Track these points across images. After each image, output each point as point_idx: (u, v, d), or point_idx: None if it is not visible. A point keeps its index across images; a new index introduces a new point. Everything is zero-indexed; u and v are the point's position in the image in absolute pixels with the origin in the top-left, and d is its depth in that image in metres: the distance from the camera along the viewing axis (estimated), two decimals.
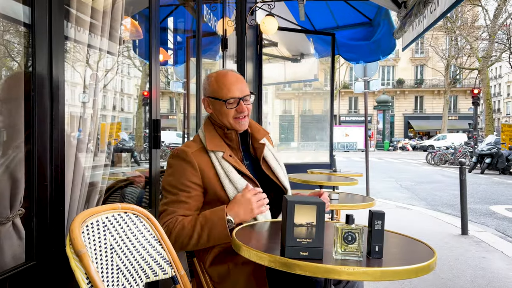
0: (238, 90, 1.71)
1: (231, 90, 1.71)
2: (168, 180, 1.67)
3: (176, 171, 1.65)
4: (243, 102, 1.71)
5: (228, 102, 1.70)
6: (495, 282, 3.57)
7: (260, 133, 1.84)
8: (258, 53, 5.28)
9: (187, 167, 1.64)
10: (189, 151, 1.67)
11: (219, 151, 1.69)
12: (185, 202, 1.61)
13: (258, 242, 1.39)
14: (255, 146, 1.82)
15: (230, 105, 1.70)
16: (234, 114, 1.71)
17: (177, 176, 1.64)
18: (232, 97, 1.70)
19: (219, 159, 1.67)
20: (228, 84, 1.72)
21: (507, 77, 48.35)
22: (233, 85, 1.72)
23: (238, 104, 1.71)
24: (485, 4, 27.37)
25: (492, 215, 7.03)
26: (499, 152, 14.69)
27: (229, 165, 1.67)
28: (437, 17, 3.10)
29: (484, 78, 24.43)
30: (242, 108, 1.71)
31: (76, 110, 1.93)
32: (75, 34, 1.82)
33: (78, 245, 1.17)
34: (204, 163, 1.66)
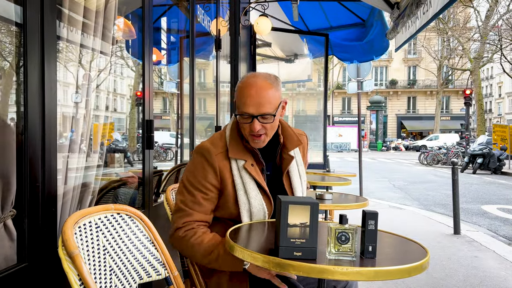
0: (254, 106, 1.53)
1: (246, 104, 1.54)
2: (188, 177, 1.61)
3: (198, 169, 1.59)
4: (258, 120, 1.54)
5: (241, 117, 1.56)
6: (487, 281, 3.60)
7: (292, 143, 1.69)
8: (252, 54, 5.28)
9: (208, 169, 1.58)
10: (214, 152, 1.59)
11: (241, 159, 1.60)
12: (201, 204, 1.57)
13: (252, 243, 1.39)
14: (284, 156, 1.69)
15: (242, 120, 1.57)
16: (249, 131, 1.57)
17: (197, 175, 1.59)
18: (245, 112, 1.55)
19: (240, 167, 1.59)
20: (245, 97, 1.54)
21: (498, 78, 48.81)
22: (250, 98, 1.53)
23: (251, 121, 1.55)
24: (477, 6, 27.60)
25: (484, 214, 7.09)
26: (491, 152, 14.83)
27: (249, 176, 1.59)
28: (430, 18, 3.12)
29: (476, 79, 24.64)
30: (254, 127, 1.54)
31: (68, 110, 1.91)
32: (68, 33, 1.81)
33: (71, 246, 1.17)
34: (226, 169, 1.59)
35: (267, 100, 1.54)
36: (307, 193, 1.82)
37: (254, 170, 1.60)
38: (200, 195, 1.57)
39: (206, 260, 1.51)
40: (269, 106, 1.54)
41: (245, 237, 1.42)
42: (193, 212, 1.57)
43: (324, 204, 2.48)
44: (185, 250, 1.57)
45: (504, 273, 3.83)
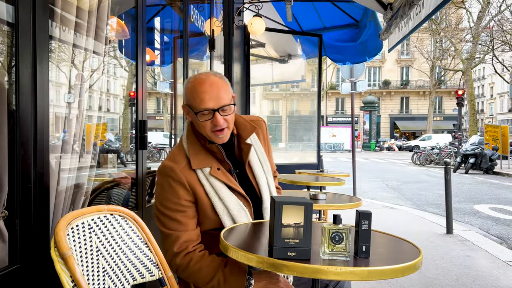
0: (213, 100, 1.51)
1: (204, 100, 1.51)
2: (161, 201, 1.56)
3: (167, 191, 1.55)
4: (219, 113, 1.52)
5: (201, 114, 1.52)
6: (479, 280, 3.63)
7: (246, 131, 1.67)
8: (246, 54, 5.28)
9: (178, 187, 1.53)
10: (177, 169, 1.54)
11: (206, 168, 1.57)
12: (184, 223, 1.53)
13: (246, 243, 1.39)
14: (241, 147, 1.66)
15: (203, 117, 1.53)
16: (211, 127, 1.54)
17: (169, 196, 1.54)
18: (205, 108, 1.51)
19: (207, 175, 1.56)
20: (202, 93, 1.51)
21: (490, 79, 49.26)
22: (206, 93, 1.51)
23: (213, 116, 1.52)
24: (469, 7, 27.85)
25: (476, 214, 7.14)
26: (483, 152, 14.96)
27: (218, 181, 1.56)
28: (422, 19, 3.14)
29: (468, 79, 24.84)
30: (217, 121, 1.52)
31: (61, 110, 1.90)
32: (60, 33, 1.79)
33: (63, 247, 1.16)
34: (194, 181, 1.55)
35: (224, 92, 1.54)
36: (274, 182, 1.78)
37: (222, 174, 1.57)
38: (179, 215, 1.53)
39: (209, 286, 1.47)
40: (227, 98, 1.54)
41: (239, 237, 1.42)
42: (180, 233, 1.52)
43: (318, 204, 2.49)
44: (186, 278, 1.54)
45: (496, 272, 3.87)
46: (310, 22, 6.30)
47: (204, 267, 1.48)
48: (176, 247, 1.51)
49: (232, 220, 1.56)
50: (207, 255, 1.52)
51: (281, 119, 20.42)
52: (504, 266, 4.03)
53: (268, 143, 1.81)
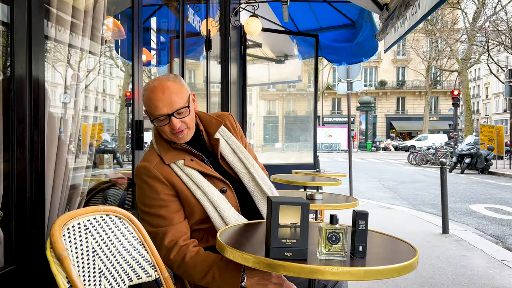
0: (166, 106, 1.54)
1: (157, 107, 1.54)
2: (142, 201, 1.58)
3: (145, 190, 1.57)
4: (174, 117, 1.55)
5: (158, 120, 1.56)
6: (475, 280, 3.64)
7: (212, 127, 1.72)
8: (242, 54, 5.28)
9: (154, 183, 1.56)
10: (151, 166, 1.57)
11: (179, 160, 1.61)
12: (167, 218, 1.54)
13: (242, 243, 1.39)
14: (212, 143, 1.71)
15: (160, 123, 1.57)
16: (170, 131, 1.58)
17: (149, 194, 1.56)
18: (160, 114, 1.55)
19: (181, 167, 1.60)
20: (155, 101, 1.54)
21: (485, 79, 49.49)
22: (159, 100, 1.54)
23: (169, 121, 1.55)
24: (464, 8, 27.96)
25: (472, 214, 7.18)
26: (478, 152, 15.03)
27: (193, 170, 1.60)
28: (418, 19, 3.15)
29: (464, 79, 24.97)
30: (174, 125, 1.55)
31: (57, 110, 1.89)
32: (56, 33, 1.79)
33: (59, 248, 1.15)
34: (170, 174, 1.58)
35: (177, 96, 1.56)
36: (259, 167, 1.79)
37: (195, 163, 1.62)
38: (162, 210, 1.54)
39: (204, 282, 1.48)
40: (181, 101, 1.57)
41: (236, 237, 1.42)
42: (166, 228, 1.53)
43: (314, 204, 2.49)
44: (181, 273, 1.54)
45: (492, 271, 3.89)
46: (307, 23, 6.30)
47: (199, 262, 1.49)
48: (166, 242, 1.52)
49: (213, 206, 1.57)
50: (202, 251, 1.53)
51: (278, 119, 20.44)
52: (500, 266, 4.05)
53: (242, 135, 1.84)
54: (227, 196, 1.63)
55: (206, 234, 1.62)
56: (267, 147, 13.36)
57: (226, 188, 1.64)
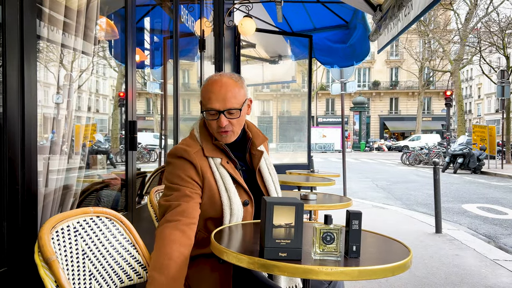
0: (219, 102, 1.56)
1: (211, 99, 1.56)
2: (168, 178, 1.57)
3: (178, 169, 1.56)
4: (224, 115, 1.56)
5: (208, 113, 1.58)
6: (468, 279, 3.67)
7: (259, 139, 1.74)
8: (236, 54, 5.27)
9: (189, 166, 1.55)
10: (191, 151, 1.58)
11: (217, 158, 1.61)
12: (189, 196, 1.52)
13: (237, 244, 1.39)
14: (253, 152, 1.72)
15: (209, 116, 1.59)
16: (216, 127, 1.59)
17: (179, 172, 1.55)
18: (211, 108, 1.57)
19: (217, 165, 1.60)
20: (211, 93, 1.57)
21: (477, 80, 49.89)
22: (214, 94, 1.56)
23: (218, 117, 1.57)
24: (457, 9, 28.17)
25: (465, 213, 7.23)
26: (471, 152, 15.14)
27: (226, 172, 1.60)
28: (411, 20, 3.17)
29: (456, 80, 25.13)
30: (221, 122, 1.56)
31: (49, 111, 1.88)
32: (48, 33, 1.77)
33: (47, 252, 1.14)
34: (205, 166, 1.58)
35: (232, 96, 1.57)
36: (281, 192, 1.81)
37: (231, 167, 1.62)
38: (185, 189, 1.52)
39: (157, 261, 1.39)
40: (235, 101, 1.57)
41: (230, 238, 1.42)
42: (180, 203, 1.49)
43: (308, 205, 2.49)
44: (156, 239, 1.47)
45: (484, 270, 3.91)
46: (300, 23, 6.31)
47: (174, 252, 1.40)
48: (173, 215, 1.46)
49: (230, 214, 1.56)
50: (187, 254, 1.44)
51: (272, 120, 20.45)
52: (492, 265, 4.08)
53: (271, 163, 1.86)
54: (246, 209, 1.62)
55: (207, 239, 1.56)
56: None
57: (249, 202, 1.63)
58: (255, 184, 1.69)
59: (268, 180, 1.71)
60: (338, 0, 5.38)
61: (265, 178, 1.71)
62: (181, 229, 1.45)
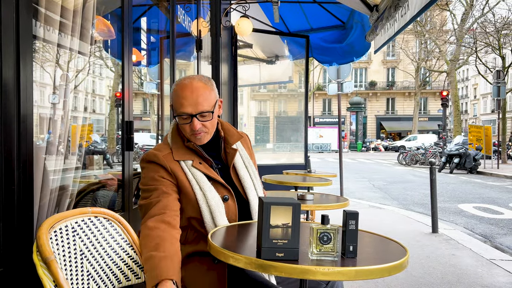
0: (192, 106, 1.57)
1: (183, 105, 1.58)
2: (143, 182, 1.61)
3: (150, 171, 1.60)
4: (197, 118, 1.59)
5: (180, 118, 1.60)
6: (464, 279, 3.68)
7: (233, 137, 1.77)
8: (233, 55, 5.27)
9: (159, 169, 1.59)
10: (160, 155, 1.61)
11: (188, 160, 1.63)
12: (167, 192, 1.55)
13: (233, 244, 1.39)
14: (227, 151, 1.75)
15: (182, 120, 1.61)
16: (190, 131, 1.62)
17: (151, 174, 1.59)
18: (183, 112, 1.59)
19: (189, 167, 1.62)
20: (182, 97, 1.59)
21: (473, 80, 50.08)
22: (186, 99, 1.58)
23: (191, 121, 1.59)
24: (453, 9, 28.31)
25: (461, 213, 7.25)
26: (467, 152, 15.20)
27: (199, 172, 1.62)
28: (408, 20, 3.18)
29: (452, 80, 25.22)
30: (194, 126, 1.59)
31: (45, 111, 1.87)
32: (44, 33, 1.76)
33: (46, 252, 1.14)
34: (177, 169, 1.61)
35: (204, 99, 1.59)
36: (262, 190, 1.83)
37: (203, 167, 1.64)
38: (161, 187, 1.56)
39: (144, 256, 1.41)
40: (206, 104, 1.60)
41: (227, 238, 1.42)
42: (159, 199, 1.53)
43: (305, 205, 2.50)
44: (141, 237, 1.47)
45: (480, 270, 3.93)
46: (297, 23, 6.32)
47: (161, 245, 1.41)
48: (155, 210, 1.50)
49: (209, 211, 1.57)
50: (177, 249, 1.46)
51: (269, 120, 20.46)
52: (488, 264, 4.10)
53: (254, 158, 1.88)
54: (228, 204, 1.63)
55: (198, 237, 1.61)
56: (258, 147, 13.35)
57: (229, 196, 1.64)
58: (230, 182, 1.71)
59: (244, 177, 1.72)
60: (334, 1, 5.39)
61: (240, 175, 1.72)
62: (167, 220, 1.49)
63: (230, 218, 1.61)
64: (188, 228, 1.62)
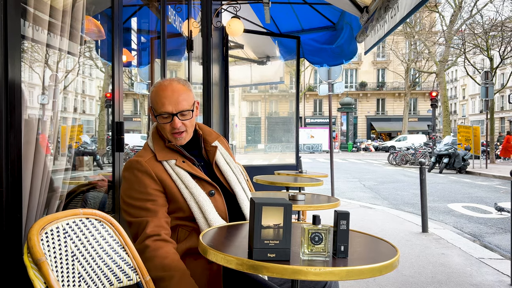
0: (172, 105, 1.63)
1: (164, 104, 1.63)
2: (128, 194, 1.60)
3: (134, 182, 1.60)
4: (177, 117, 1.64)
5: (161, 117, 1.64)
6: (454, 277, 3.72)
7: (211, 136, 1.83)
8: (224, 55, 5.26)
9: (144, 177, 1.60)
10: (143, 160, 1.62)
11: (171, 159, 1.66)
12: (152, 210, 1.56)
13: (225, 245, 1.38)
14: (207, 149, 1.80)
15: (162, 120, 1.65)
16: (170, 130, 1.66)
17: (136, 187, 1.59)
18: (164, 111, 1.63)
19: (172, 166, 1.65)
20: (162, 97, 1.64)
21: (462, 81, 50.65)
22: (167, 98, 1.63)
23: (171, 120, 1.64)
24: (442, 11, 28.61)
25: (450, 212, 7.33)
26: (456, 152, 15.36)
27: (183, 171, 1.64)
28: (397, 22, 3.20)
29: (442, 81, 25.48)
30: (175, 124, 1.64)
31: (34, 112, 1.85)
32: (33, 33, 1.75)
33: (37, 253, 1.13)
34: (160, 171, 1.62)
35: (183, 99, 1.65)
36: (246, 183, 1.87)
37: (187, 165, 1.67)
38: (148, 203, 1.57)
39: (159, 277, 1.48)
40: (186, 104, 1.66)
41: (218, 239, 1.41)
42: (150, 218, 1.55)
43: (297, 205, 2.50)
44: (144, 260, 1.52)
45: (470, 269, 3.97)
46: (288, 24, 6.33)
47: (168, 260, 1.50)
48: (149, 230, 1.53)
49: (198, 207, 1.60)
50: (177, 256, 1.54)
51: (260, 121, 20.49)
52: (477, 263, 4.15)
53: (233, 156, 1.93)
54: (214, 199, 1.65)
55: (190, 234, 1.63)
56: (250, 148, 13.36)
57: (215, 191, 1.68)
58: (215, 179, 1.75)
59: (227, 172, 1.77)
60: (325, 2, 5.42)
61: (223, 170, 1.78)
62: (164, 238, 1.54)
63: (220, 211, 1.64)
64: (178, 227, 1.64)
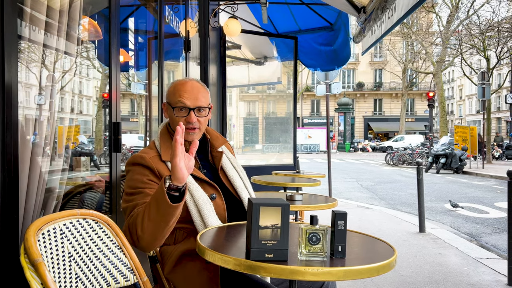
0: (191, 99, 1.65)
1: (183, 97, 1.65)
2: (127, 184, 1.61)
3: (135, 173, 1.60)
4: (194, 112, 1.65)
5: (178, 109, 1.65)
6: (451, 277, 3.73)
7: (218, 141, 1.83)
8: (222, 55, 5.26)
9: (145, 171, 1.60)
10: (147, 157, 1.62)
11: None
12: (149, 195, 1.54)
13: (223, 246, 1.38)
14: (213, 154, 1.80)
15: (179, 113, 1.66)
16: (185, 124, 1.64)
17: (137, 177, 1.59)
18: (182, 104, 1.65)
19: None
20: (182, 91, 1.66)
21: (459, 81, 50.81)
22: (186, 92, 1.65)
23: (188, 114, 1.65)
24: (439, 11, 28.64)
25: (447, 212, 7.35)
26: (453, 152, 15.40)
27: None
28: (394, 22, 3.21)
29: (439, 81, 25.56)
30: (191, 119, 1.64)
31: (31, 112, 1.85)
32: (30, 33, 1.74)
33: (34, 254, 1.12)
34: (162, 169, 1.62)
35: (202, 95, 1.69)
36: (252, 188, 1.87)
37: None
38: (146, 189, 1.56)
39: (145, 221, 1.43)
40: (204, 101, 1.69)
41: (216, 240, 1.41)
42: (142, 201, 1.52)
43: (294, 205, 2.50)
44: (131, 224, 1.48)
45: (467, 268, 3.99)
46: (286, 25, 6.33)
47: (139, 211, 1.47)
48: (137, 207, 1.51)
49: (197, 210, 1.59)
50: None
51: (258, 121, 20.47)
52: (474, 263, 4.16)
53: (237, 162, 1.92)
54: (215, 202, 1.64)
55: (188, 235, 1.62)
56: (247, 148, 13.36)
57: (216, 195, 1.66)
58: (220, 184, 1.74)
59: (234, 177, 1.77)
60: (322, 2, 5.42)
61: (230, 176, 1.77)
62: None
63: (219, 215, 1.63)
64: (175, 228, 1.62)
